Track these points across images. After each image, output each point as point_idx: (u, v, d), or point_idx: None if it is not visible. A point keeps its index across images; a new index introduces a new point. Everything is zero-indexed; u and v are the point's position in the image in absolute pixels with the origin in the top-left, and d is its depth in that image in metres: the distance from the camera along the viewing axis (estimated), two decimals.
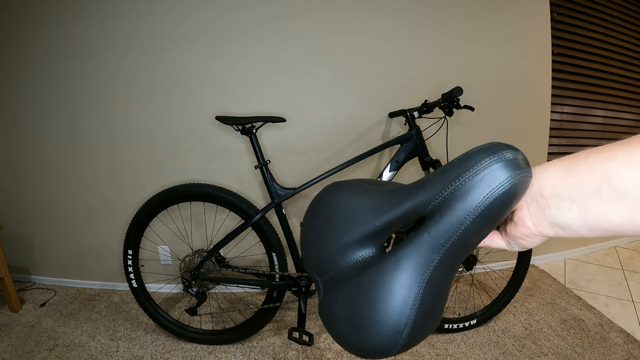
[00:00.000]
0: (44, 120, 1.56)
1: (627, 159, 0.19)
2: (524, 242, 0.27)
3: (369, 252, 0.29)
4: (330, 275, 0.31)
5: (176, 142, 1.56)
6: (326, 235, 0.31)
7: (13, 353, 1.27)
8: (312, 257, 0.33)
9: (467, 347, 1.34)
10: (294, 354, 1.29)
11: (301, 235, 0.35)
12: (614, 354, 1.30)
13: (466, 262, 1.34)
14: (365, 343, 0.26)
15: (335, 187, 0.33)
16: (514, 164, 0.22)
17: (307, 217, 0.35)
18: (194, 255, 1.32)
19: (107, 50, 1.47)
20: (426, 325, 0.26)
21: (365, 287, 0.26)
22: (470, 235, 0.23)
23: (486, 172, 0.22)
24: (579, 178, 0.21)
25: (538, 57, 1.77)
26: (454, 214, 0.23)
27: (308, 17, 1.49)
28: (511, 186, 0.21)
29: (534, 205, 0.24)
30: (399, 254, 0.25)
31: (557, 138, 1.98)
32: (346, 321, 0.27)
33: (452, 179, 0.23)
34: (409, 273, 0.25)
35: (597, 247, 2.32)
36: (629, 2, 2.14)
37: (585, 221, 0.21)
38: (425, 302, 0.25)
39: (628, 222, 0.19)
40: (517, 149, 0.23)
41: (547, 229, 0.24)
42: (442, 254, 0.24)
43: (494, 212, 0.22)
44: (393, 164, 1.28)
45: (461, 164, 0.23)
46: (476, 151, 0.23)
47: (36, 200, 1.67)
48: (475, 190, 0.22)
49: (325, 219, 0.32)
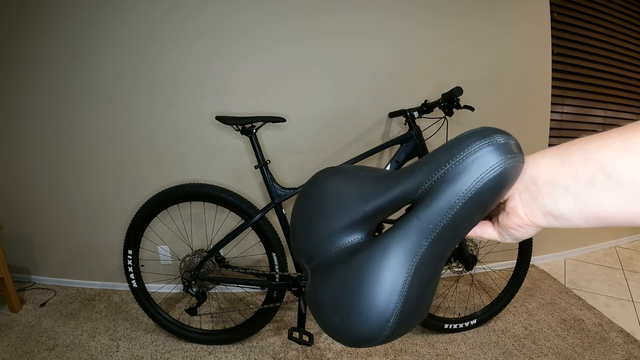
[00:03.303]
0: (44, 120, 1.56)
1: (624, 146, 0.18)
2: (516, 233, 0.26)
3: (357, 237, 0.29)
4: (318, 262, 0.30)
5: (176, 142, 1.56)
6: (315, 221, 0.31)
7: (13, 353, 1.27)
8: (301, 244, 0.32)
9: (467, 347, 1.34)
10: (294, 354, 1.29)
11: (291, 222, 0.34)
12: (614, 354, 1.30)
13: (466, 262, 1.34)
14: (352, 331, 0.25)
15: (326, 172, 0.33)
16: (506, 148, 0.21)
17: (297, 203, 0.34)
18: (194, 255, 1.32)
19: (107, 50, 1.47)
20: (414, 314, 0.25)
21: (352, 273, 0.26)
22: (460, 221, 0.23)
23: (477, 156, 0.21)
24: (574, 166, 0.20)
25: (538, 57, 1.77)
26: (443, 198, 0.22)
27: (308, 17, 1.49)
28: (502, 170, 0.21)
29: (527, 193, 0.23)
30: (388, 240, 0.25)
31: (557, 138, 1.98)
32: (333, 308, 0.27)
33: (442, 163, 0.23)
34: (397, 259, 0.24)
35: (597, 247, 2.32)
36: (629, 2, 2.14)
37: (579, 210, 0.21)
38: (413, 290, 0.24)
39: (624, 212, 0.19)
40: (509, 134, 0.22)
41: (540, 218, 0.23)
42: (431, 239, 0.24)
43: (485, 196, 0.22)
44: (393, 164, 1.28)
45: (452, 147, 0.23)
46: (467, 135, 0.22)
47: (36, 200, 1.67)
48: (465, 173, 0.22)
49: (315, 204, 0.31)
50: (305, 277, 0.32)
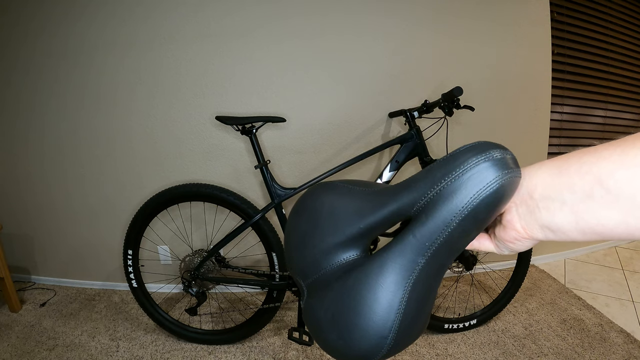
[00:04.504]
0: (44, 121, 1.56)
1: (622, 159, 0.18)
2: (513, 246, 0.26)
3: (353, 254, 0.28)
4: (313, 279, 0.30)
5: (176, 142, 1.56)
6: (310, 238, 0.30)
7: (13, 353, 1.27)
8: (296, 261, 0.32)
9: (467, 347, 1.34)
10: (294, 354, 1.29)
11: (285, 238, 0.34)
12: (614, 354, 1.30)
13: (466, 262, 1.34)
14: (350, 348, 0.25)
15: (320, 189, 0.32)
16: (502, 164, 0.21)
17: (290, 220, 0.34)
18: (194, 255, 1.32)
19: (107, 50, 1.47)
20: (412, 330, 0.25)
21: (349, 291, 0.26)
22: (457, 238, 0.23)
23: (473, 172, 0.21)
24: (571, 179, 0.20)
25: (538, 57, 1.77)
26: (439, 215, 0.22)
27: (308, 18, 1.49)
28: (499, 186, 0.21)
29: (523, 207, 0.23)
30: (384, 257, 0.25)
31: (557, 138, 1.98)
32: (331, 326, 0.26)
33: (438, 179, 0.22)
34: (393, 277, 0.24)
35: (597, 247, 2.32)
36: (629, 2, 2.14)
37: (577, 224, 0.20)
38: (410, 307, 0.24)
39: (622, 226, 0.18)
40: (505, 148, 0.22)
41: (537, 232, 0.23)
42: (427, 257, 0.23)
43: (482, 213, 0.21)
44: (393, 164, 1.28)
45: (447, 163, 0.22)
46: (463, 150, 0.22)
47: (36, 200, 1.67)
48: (461, 190, 0.21)
49: (309, 221, 0.31)
50: (301, 294, 0.32)
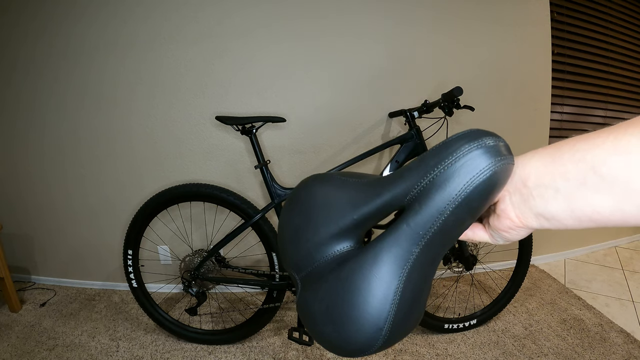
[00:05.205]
0: (44, 120, 1.56)
1: (614, 145, 0.17)
2: (508, 235, 0.26)
3: (347, 246, 0.28)
4: (307, 272, 0.29)
5: (176, 142, 1.56)
6: (303, 231, 0.30)
7: (13, 353, 1.27)
8: (290, 254, 0.31)
9: (467, 347, 1.34)
10: (294, 354, 1.29)
11: (278, 232, 0.34)
12: (614, 354, 1.30)
13: (466, 262, 1.34)
14: (345, 341, 0.25)
15: (313, 180, 0.32)
16: (495, 151, 0.21)
17: (284, 213, 0.33)
18: (194, 255, 1.32)
19: (108, 50, 1.47)
20: (408, 321, 0.25)
21: (343, 282, 0.25)
22: (451, 226, 0.22)
23: (466, 159, 0.21)
24: (564, 167, 0.20)
25: (538, 57, 1.77)
26: (433, 203, 0.22)
27: (309, 18, 1.49)
28: (492, 173, 0.20)
29: (517, 195, 0.23)
30: (378, 247, 0.24)
31: (557, 138, 1.98)
32: (325, 318, 0.26)
33: (431, 167, 0.22)
34: (388, 267, 0.24)
35: (597, 247, 2.32)
36: (629, 2, 2.14)
37: (571, 212, 0.20)
38: (405, 297, 0.24)
39: (617, 213, 0.18)
40: (498, 136, 0.22)
41: (532, 220, 0.23)
42: (422, 246, 0.23)
43: (475, 201, 0.21)
44: (393, 164, 1.28)
45: (440, 151, 0.22)
46: (455, 138, 0.22)
47: (36, 200, 1.67)
48: (454, 178, 0.21)
49: (303, 213, 0.31)
50: (295, 287, 0.31)
